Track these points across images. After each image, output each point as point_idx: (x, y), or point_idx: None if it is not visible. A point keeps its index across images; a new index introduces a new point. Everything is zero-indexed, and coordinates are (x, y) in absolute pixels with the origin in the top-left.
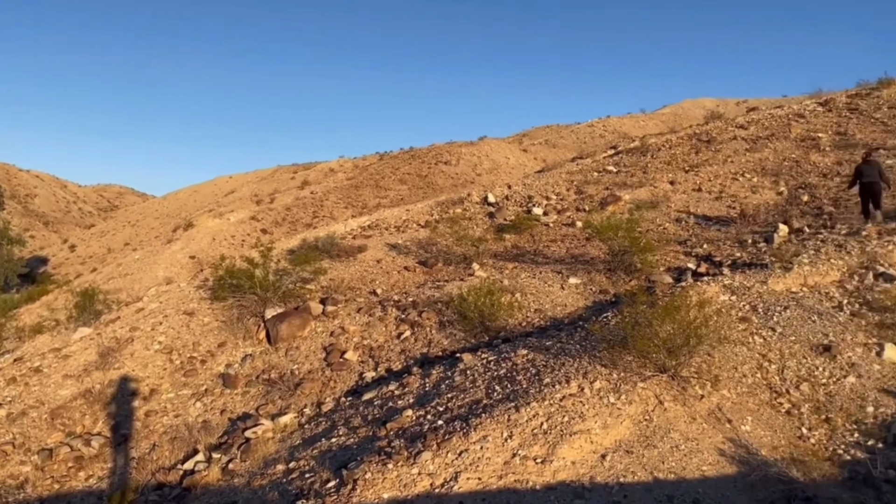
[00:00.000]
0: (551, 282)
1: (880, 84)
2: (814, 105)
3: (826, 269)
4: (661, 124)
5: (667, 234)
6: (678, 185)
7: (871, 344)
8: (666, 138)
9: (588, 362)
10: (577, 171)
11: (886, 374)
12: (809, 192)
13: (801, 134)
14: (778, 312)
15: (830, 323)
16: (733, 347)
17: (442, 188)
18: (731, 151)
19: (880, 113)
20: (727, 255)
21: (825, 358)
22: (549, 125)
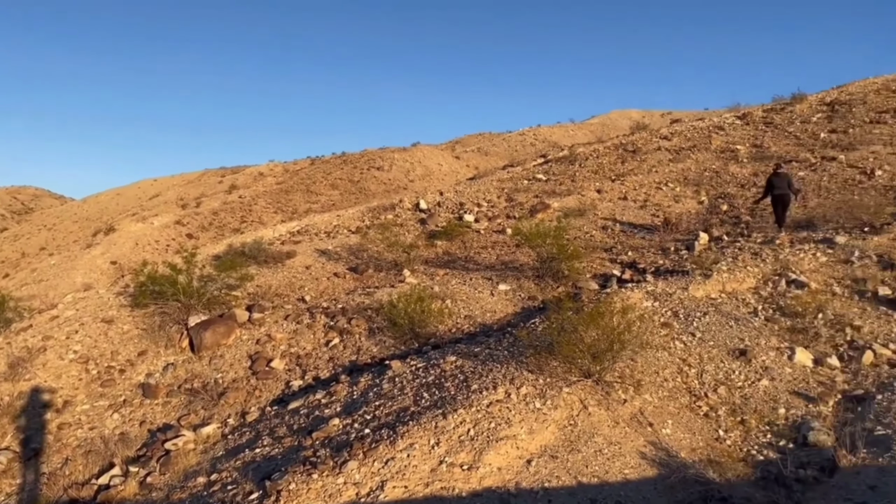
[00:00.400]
0: (481, 288)
1: (793, 99)
2: (733, 118)
3: (743, 276)
4: (589, 134)
5: (594, 241)
6: (605, 194)
7: (784, 348)
8: (594, 148)
9: (515, 368)
10: (508, 179)
11: (797, 376)
12: (728, 201)
13: (721, 146)
14: (698, 318)
15: (746, 328)
16: (655, 352)
17: (374, 194)
18: (655, 161)
19: (793, 127)
20: (651, 262)
21: (741, 362)
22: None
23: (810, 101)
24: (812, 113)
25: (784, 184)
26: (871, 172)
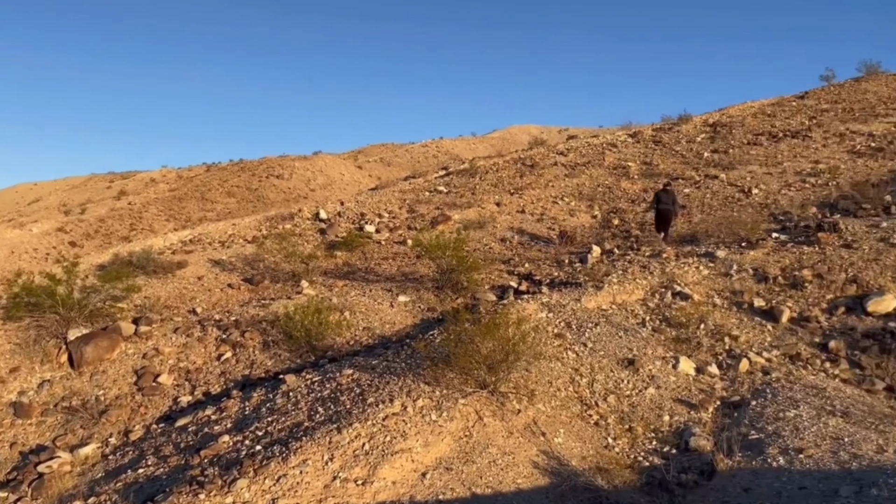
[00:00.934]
0: (381, 300)
1: (680, 120)
2: (625, 136)
3: (632, 287)
4: (490, 147)
5: (492, 253)
6: (504, 207)
7: (669, 357)
8: (493, 161)
9: (412, 380)
10: (410, 190)
11: (681, 384)
12: (620, 216)
13: (614, 162)
14: (589, 329)
15: (635, 338)
16: (549, 363)
17: (273, 202)
18: (552, 176)
19: (680, 146)
20: (546, 274)
21: (629, 371)
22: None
23: (695, 122)
24: (697, 133)
25: (669, 200)
26: (748, 191)
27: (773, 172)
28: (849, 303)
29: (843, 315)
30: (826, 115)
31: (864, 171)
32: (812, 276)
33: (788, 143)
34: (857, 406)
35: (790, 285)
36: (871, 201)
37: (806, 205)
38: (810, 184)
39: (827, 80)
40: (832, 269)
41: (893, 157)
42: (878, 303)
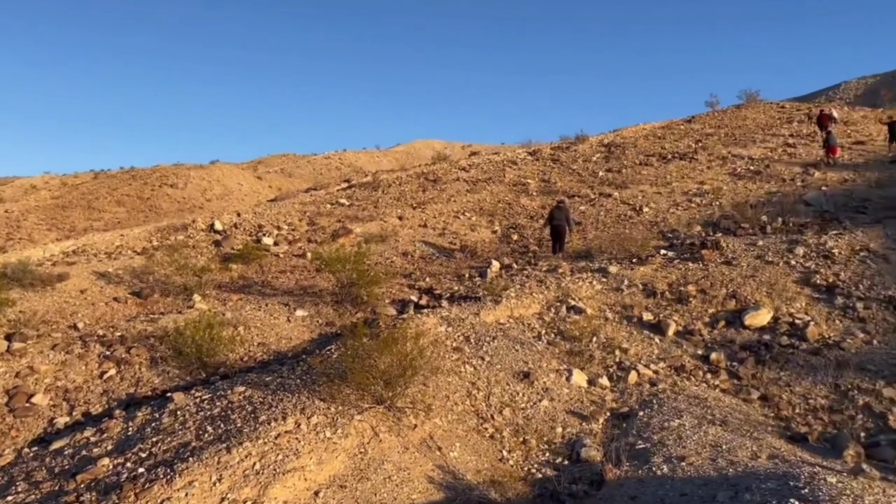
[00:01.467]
0: (278, 314)
1: (577, 139)
2: (524, 154)
3: (529, 302)
4: (394, 161)
5: (394, 267)
6: (406, 221)
7: (563, 370)
8: (397, 175)
9: (307, 397)
10: (311, 202)
11: (574, 396)
12: (519, 231)
13: (514, 179)
14: (487, 342)
15: (530, 351)
16: (446, 377)
17: (167, 213)
18: (454, 191)
19: (576, 165)
20: (447, 288)
21: (525, 384)
22: (286, 154)
23: (591, 142)
24: (592, 153)
25: (562, 216)
26: (639, 209)
27: (662, 192)
28: (729, 316)
29: (723, 328)
30: (710, 139)
31: (744, 193)
32: (696, 292)
33: (677, 164)
34: (735, 415)
35: (676, 300)
36: (750, 221)
37: (692, 223)
38: (696, 203)
39: (711, 106)
40: (714, 284)
41: (770, 179)
42: (755, 316)
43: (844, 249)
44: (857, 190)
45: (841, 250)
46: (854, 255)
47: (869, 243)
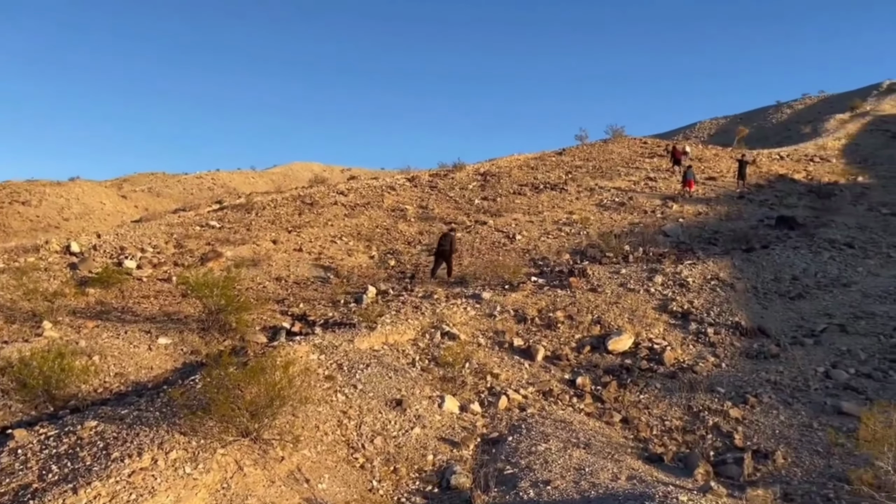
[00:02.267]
0: (138, 342)
1: (455, 167)
2: (403, 180)
3: (404, 328)
4: (270, 183)
5: (266, 292)
6: (281, 245)
7: (435, 396)
8: (272, 197)
9: (166, 431)
10: (179, 224)
11: (445, 423)
12: (396, 257)
13: (392, 204)
14: (361, 370)
15: (404, 378)
16: (317, 406)
17: (17, 232)
18: (331, 215)
19: (453, 192)
20: (321, 314)
21: (397, 412)
22: (155, 172)
23: (468, 170)
24: (469, 181)
25: (448, 242)
26: (513, 237)
27: (534, 220)
28: (594, 341)
29: (589, 353)
30: (579, 171)
31: (610, 223)
32: (564, 318)
33: (548, 194)
34: (598, 438)
35: (546, 325)
36: (614, 250)
37: (561, 251)
38: (565, 232)
39: (581, 139)
40: (581, 310)
41: (633, 211)
42: (617, 342)
43: (698, 278)
44: (709, 222)
45: (695, 279)
46: (706, 284)
47: (719, 272)
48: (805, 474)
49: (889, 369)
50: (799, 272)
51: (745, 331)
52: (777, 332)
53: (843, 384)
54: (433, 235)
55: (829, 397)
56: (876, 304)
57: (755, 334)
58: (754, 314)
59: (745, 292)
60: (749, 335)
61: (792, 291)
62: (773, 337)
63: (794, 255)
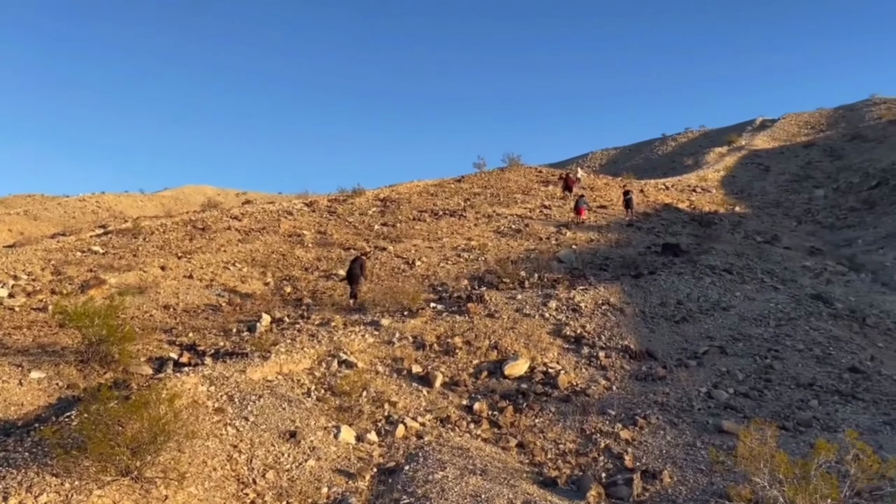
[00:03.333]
0: (8, 377)
1: (354, 193)
2: (301, 205)
3: (300, 357)
4: (160, 206)
5: (153, 321)
6: (170, 271)
7: (331, 427)
8: (161, 222)
9: (36, 472)
10: (58, 249)
11: (341, 454)
12: (292, 284)
13: (289, 230)
14: (253, 402)
15: (299, 409)
16: (205, 441)
17: None
18: (225, 241)
19: (353, 217)
20: (212, 343)
21: (291, 444)
22: (33, 194)
23: (368, 196)
24: (369, 206)
25: (357, 266)
26: (412, 263)
27: (433, 247)
28: (491, 367)
29: (486, 378)
30: (478, 198)
31: (507, 249)
32: (462, 343)
33: (447, 220)
34: (494, 463)
35: (444, 352)
36: (511, 276)
37: (460, 277)
38: (464, 258)
39: (479, 167)
40: (479, 336)
41: (528, 237)
42: (514, 366)
43: (590, 303)
44: (600, 249)
45: (587, 304)
46: (598, 309)
47: (609, 298)
48: (689, 492)
49: (764, 388)
50: (683, 297)
51: (634, 354)
52: (663, 355)
53: (723, 404)
54: (332, 261)
55: (711, 417)
56: (752, 326)
57: (643, 357)
58: (642, 337)
59: (633, 316)
60: (638, 358)
61: (677, 315)
62: (660, 359)
63: (678, 280)
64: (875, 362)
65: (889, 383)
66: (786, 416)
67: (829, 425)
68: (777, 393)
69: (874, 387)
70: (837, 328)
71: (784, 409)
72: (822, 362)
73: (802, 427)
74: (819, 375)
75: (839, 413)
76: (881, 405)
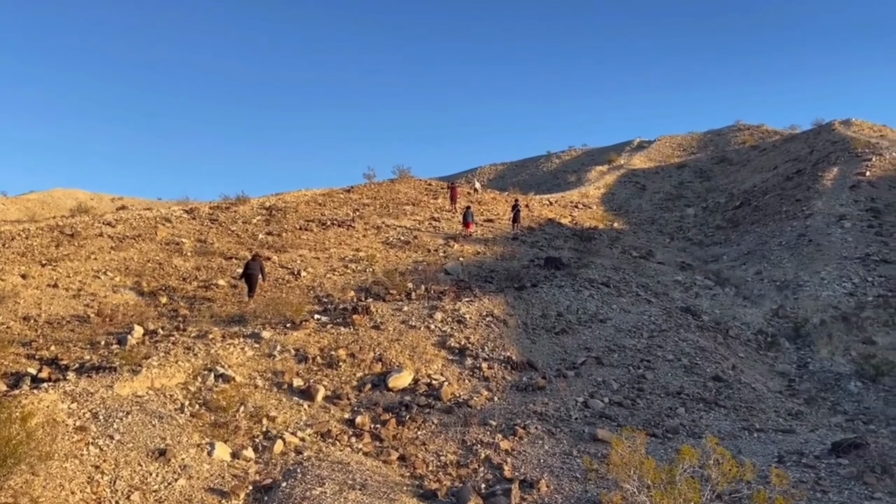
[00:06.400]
0: None
1: (238, 200)
2: (181, 211)
3: (174, 371)
4: (24, 210)
5: (10, 334)
6: (32, 280)
7: (205, 444)
8: (23, 227)
9: None
10: None
11: (214, 472)
12: (169, 294)
13: (167, 237)
14: (119, 419)
15: (170, 426)
16: (63, 462)
17: None
18: (95, 248)
19: (236, 226)
20: (76, 357)
21: (160, 463)
22: None
23: (252, 204)
24: (254, 215)
25: (256, 267)
26: (298, 273)
27: (320, 257)
28: (375, 379)
29: (370, 391)
30: (367, 209)
31: (395, 261)
32: (346, 356)
33: (335, 231)
34: (375, 478)
35: (327, 364)
36: (398, 287)
37: (346, 288)
38: (351, 269)
39: (369, 178)
40: (363, 348)
41: (417, 249)
42: (398, 378)
43: (475, 315)
44: (486, 262)
45: (472, 316)
46: (482, 320)
47: (493, 309)
48: (565, 500)
49: (637, 398)
50: (563, 309)
51: (515, 364)
52: (544, 365)
53: (599, 413)
54: (212, 271)
55: (587, 426)
56: (627, 338)
57: (525, 368)
58: (524, 348)
59: (516, 328)
60: (519, 369)
61: (557, 327)
62: (541, 370)
63: (559, 293)
64: (736, 371)
65: (748, 391)
66: (656, 423)
67: (694, 431)
68: (648, 401)
69: (735, 394)
70: (704, 339)
71: (654, 417)
72: (690, 372)
73: (670, 434)
74: (686, 384)
75: (703, 420)
76: (740, 412)
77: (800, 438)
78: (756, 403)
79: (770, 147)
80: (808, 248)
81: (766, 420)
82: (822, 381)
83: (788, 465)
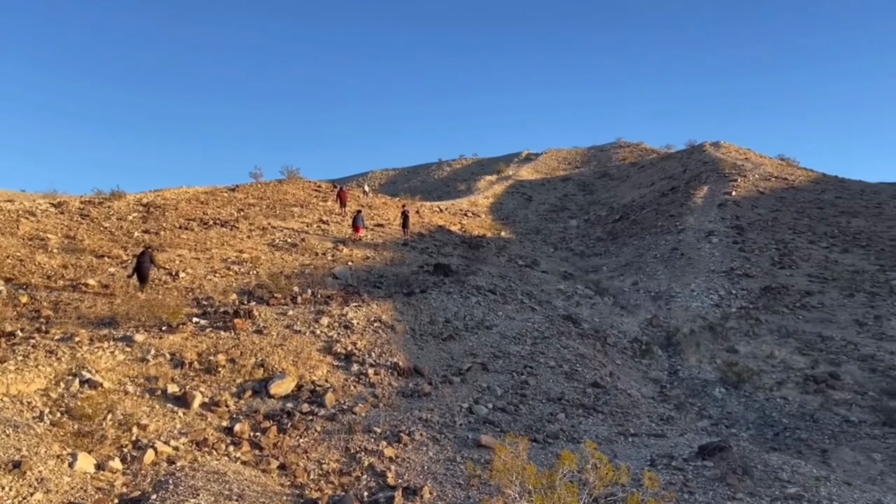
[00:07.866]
0: None
1: (113, 195)
2: (47, 205)
3: (33, 376)
4: None
5: None
6: None
7: (66, 455)
8: None
9: None
10: None
11: (76, 485)
12: (30, 293)
13: (30, 232)
14: None
15: (27, 436)
16: None
17: None
18: None
19: (109, 223)
20: None
21: (14, 476)
22: None
23: (129, 200)
24: (129, 211)
25: (146, 259)
26: (176, 274)
27: (201, 258)
28: (256, 386)
29: (250, 398)
30: (253, 209)
31: (281, 263)
32: (226, 361)
33: (218, 231)
34: (253, 488)
35: (205, 370)
36: (283, 291)
37: (228, 291)
38: (234, 271)
39: (255, 177)
40: (244, 353)
41: (304, 252)
42: (280, 385)
43: (362, 320)
44: (376, 267)
45: (359, 321)
46: (370, 326)
47: (382, 315)
48: None
49: (520, 403)
50: (451, 315)
51: (402, 371)
52: (430, 371)
53: (483, 419)
54: (81, 269)
55: (471, 431)
56: (511, 344)
57: (411, 374)
58: (411, 354)
59: (404, 334)
60: (406, 375)
61: (444, 333)
62: (427, 376)
63: (447, 299)
64: (613, 378)
65: (624, 397)
66: (537, 429)
67: (573, 437)
68: (531, 407)
69: (612, 400)
70: (584, 346)
71: (536, 423)
72: (570, 378)
73: (551, 439)
74: (567, 390)
75: (582, 425)
76: (617, 417)
77: (670, 442)
78: (631, 409)
79: (648, 164)
80: (680, 262)
81: (639, 425)
82: (690, 388)
83: (660, 468)
